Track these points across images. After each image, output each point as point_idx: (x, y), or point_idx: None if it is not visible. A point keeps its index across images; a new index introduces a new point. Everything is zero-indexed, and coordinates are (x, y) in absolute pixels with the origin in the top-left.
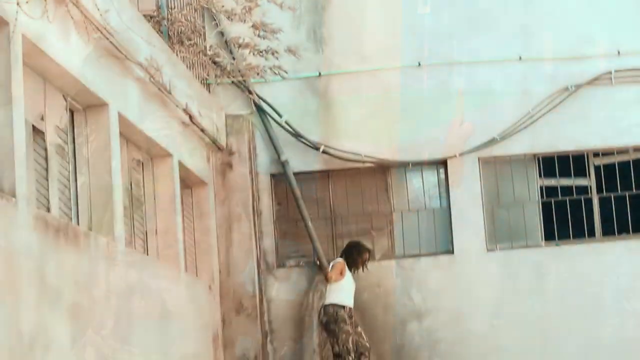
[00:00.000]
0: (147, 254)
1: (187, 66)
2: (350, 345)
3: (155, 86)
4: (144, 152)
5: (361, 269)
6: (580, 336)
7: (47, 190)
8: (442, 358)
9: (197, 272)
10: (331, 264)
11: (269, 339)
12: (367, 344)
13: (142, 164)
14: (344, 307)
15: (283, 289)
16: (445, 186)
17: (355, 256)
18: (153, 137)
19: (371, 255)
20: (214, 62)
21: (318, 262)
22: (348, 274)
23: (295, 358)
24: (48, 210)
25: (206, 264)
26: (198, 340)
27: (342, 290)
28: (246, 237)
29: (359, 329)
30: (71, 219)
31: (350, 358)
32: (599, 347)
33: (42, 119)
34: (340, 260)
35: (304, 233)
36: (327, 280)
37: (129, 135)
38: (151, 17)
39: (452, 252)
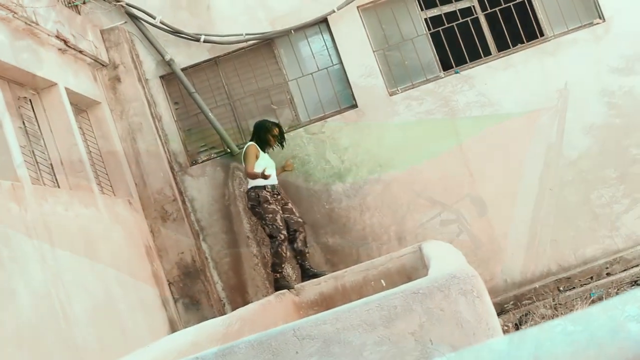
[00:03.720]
0: (58, 187)
1: None
2: (280, 223)
3: (21, 21)
4: (28, 87)
5: (277, 145)
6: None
7: None
8: (374, 210)
9: (113, 191)
10: (243, 151)
11: (201, 237)
12: (300, 219)
13: (30, 100)
14: (264, 187)
15: (202, 185)
16: (332, 44)
17: (263, 135)
18: (32, 71)
19: (281, 128)
20: None
21: (229, 150)
22: (263, 154)
23: (232, 249)
24: None
25: (120, 181)
26: (131, 258)
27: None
28: (152, 144)
29: (290, 205)
30: None
31: (282, 235)
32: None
33: None
34: (249, 143)
35: (207, 126)
36: (249, 176)
37: (8, 75)
38: None
39: (356, 105)
